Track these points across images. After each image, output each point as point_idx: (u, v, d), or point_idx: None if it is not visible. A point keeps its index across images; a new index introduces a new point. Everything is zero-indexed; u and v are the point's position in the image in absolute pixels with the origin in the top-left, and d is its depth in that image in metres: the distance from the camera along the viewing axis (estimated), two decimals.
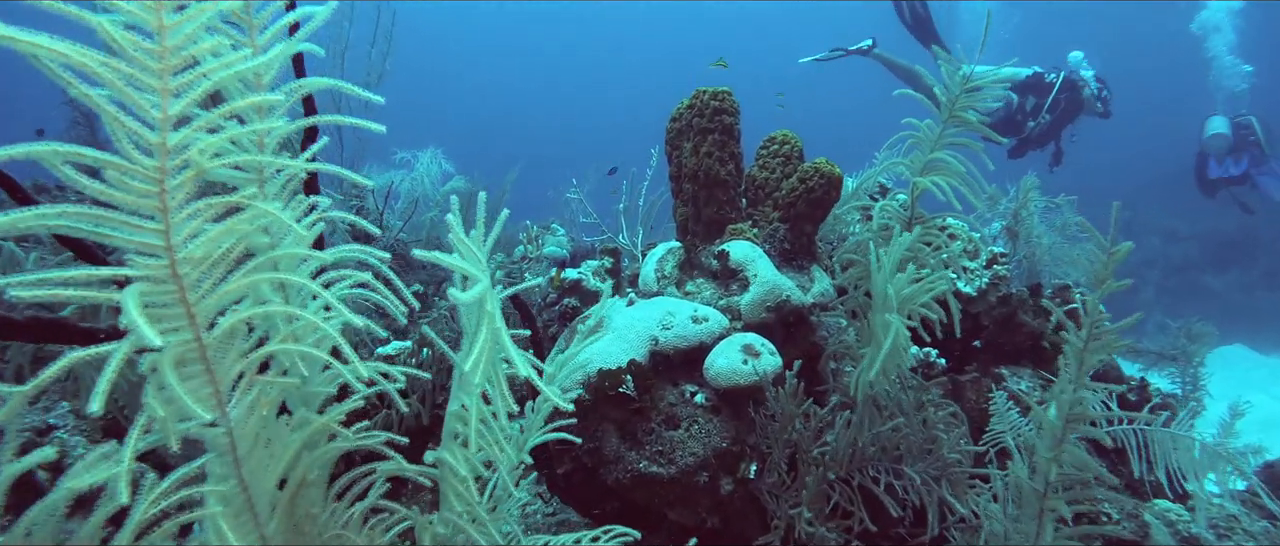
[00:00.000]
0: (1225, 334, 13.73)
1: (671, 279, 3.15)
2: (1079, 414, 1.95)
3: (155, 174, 0.76)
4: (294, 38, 0.97)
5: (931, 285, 2.53)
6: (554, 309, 3.29)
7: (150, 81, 0.73)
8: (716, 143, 3.19)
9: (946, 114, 2.77)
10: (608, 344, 2.89)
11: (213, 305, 0.89)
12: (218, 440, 0.97)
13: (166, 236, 0.80)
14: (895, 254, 2.46)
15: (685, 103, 3.31)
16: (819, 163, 3.12)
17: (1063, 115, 7.93)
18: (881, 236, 3.03)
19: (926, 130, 2.84)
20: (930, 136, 2.82)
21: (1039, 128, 7.80)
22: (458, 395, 1.38)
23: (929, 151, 2.84)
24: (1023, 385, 3.77)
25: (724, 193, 3.24)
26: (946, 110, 2.76)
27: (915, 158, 2.91)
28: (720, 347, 2.86)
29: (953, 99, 2.73)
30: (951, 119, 2.76)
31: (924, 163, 2.86)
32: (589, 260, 3.55)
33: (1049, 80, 7.99)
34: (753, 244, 3.15)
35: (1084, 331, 1.96)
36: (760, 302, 2.98)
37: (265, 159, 0.99)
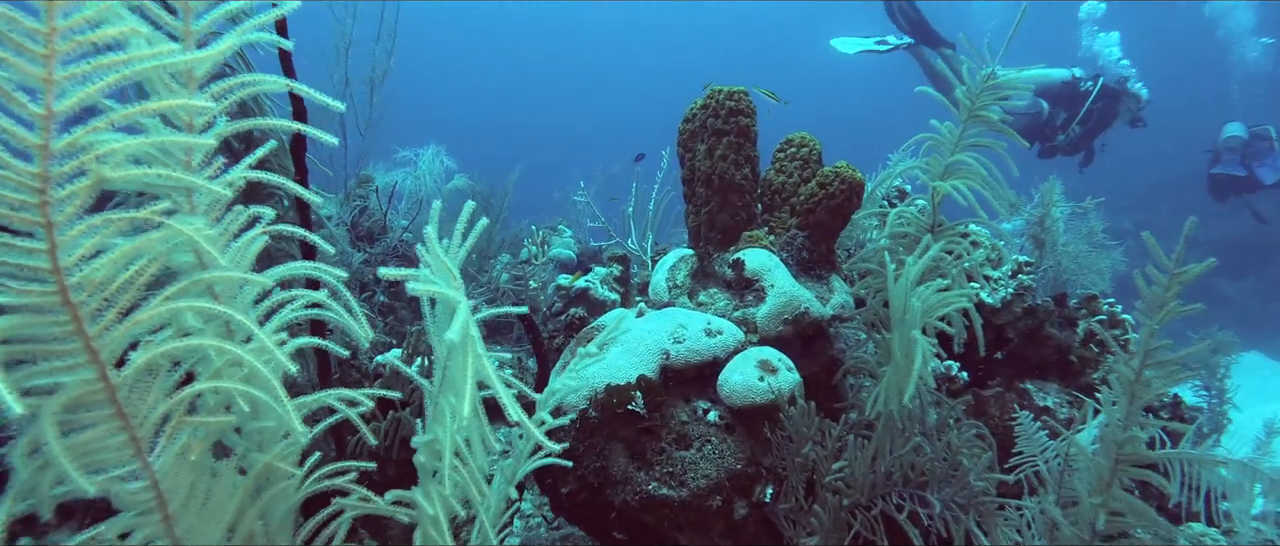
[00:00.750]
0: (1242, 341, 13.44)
1: (683, 289, 2.98)
2: (1130, 455, 1.76)
3: (35, 182, 0.60)
4: (241, 28, 0.80)
5: (953, 299, 2.36)
6: (559, 318, 3.13)
7: (32, 70, 0.58)
8: (731, 145, 3.02)
9: (966, 113, 2.58)
10: (616, 357, 2.73)
11: (122, 337, 0.73)
12: (137, 498, 0.81)
13: (52, 257, 0.64)
14: (920, 264, 2.28)
15: (698, 102, 3.13)
16: (840, 167, 2.94)
17: (1095, 126, 7.51)
18: (899, 245, 2.85)
19: (946, 131, 2.66)
20: (950, 138, 2.64)
21: (1069, 140, 7.44)
22: (431, 425, 1.22)
23: (949, 154, 2.66)
24: (1049, 401, 3.58)
25: (739, 198, 3.07)
26: (966, 109, 2.58)
27: (933, 161, 2.72)
28: (735, 363, 2.69)
29: (973, 96, 2.54)
30: (972, 118, 2.57)
31: (944, 166, 2.67)
32: (597, 266, 3.39)
33: (1084, 89, 7.46)
34: (769, 252, 2.97)
35: (1137, 361, 1.77)
36: (777, 315, 2.81)
37: (181, 177, 0.82)
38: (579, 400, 2.69)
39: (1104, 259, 3.91)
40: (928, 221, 2.78)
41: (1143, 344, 1.82)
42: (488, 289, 3.20)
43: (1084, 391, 3.74)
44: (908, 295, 2.21)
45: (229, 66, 2.74)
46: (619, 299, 3.18)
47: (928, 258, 2.29)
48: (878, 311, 2.83)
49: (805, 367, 2.96)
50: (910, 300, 2.19)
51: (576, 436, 2.74)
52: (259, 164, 3.00)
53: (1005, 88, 2.47)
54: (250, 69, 2.76)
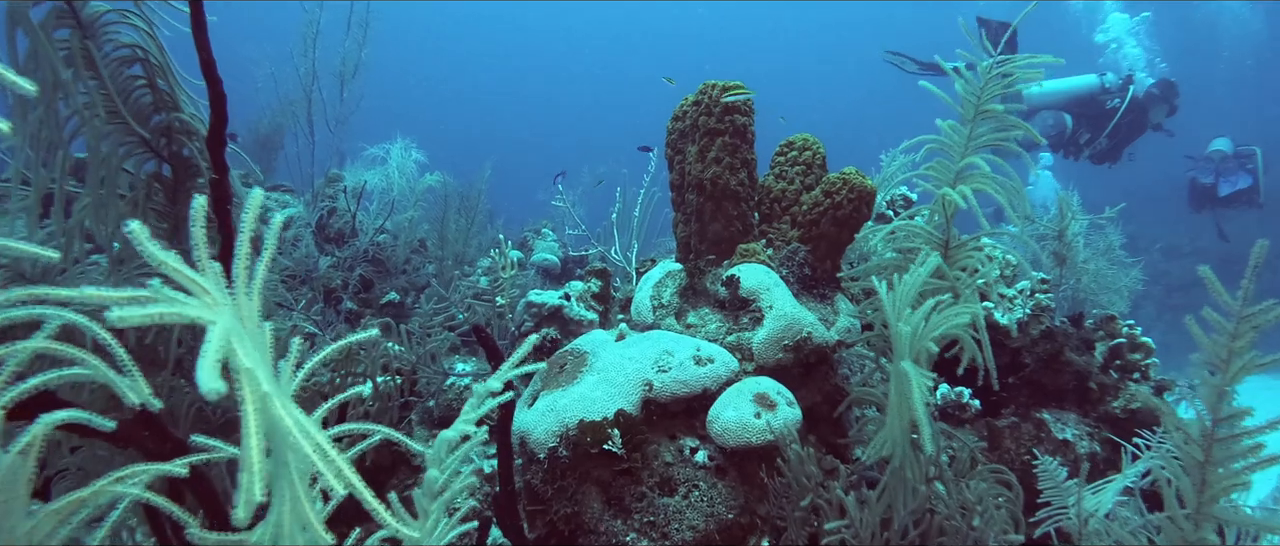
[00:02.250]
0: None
1: (670, 308, 2.59)
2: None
3: None
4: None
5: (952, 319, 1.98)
6: None
7: None
8: (726, 147, 2.64)
9: (972, 109, 2.19)
10: (591, 387, 2.34)
11: None
12: None
13: None
14: (911, 282, 1.88)
15: (690, 98, 2.76)
16: (848, 173, 2.57)
17: (1125, 137, 7.10)
18: (908, 261, 2.46)
19: (950, 131, 2.26)
20: (957, 139, 2.25)
21: (1097, 151, 7.02)
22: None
23: (958, 158, 2.27)
24: (1068, 433, 3.23)
25: (734, 206, 2.69)
26: (971, 105, 2.19)
27: (939, 166, 2.32)
28: (728, 396, 2.31)
29: (978, 89, 2.16)
30: (980, 115, 2.19)
31: (953, 172, 2.29)
32: (574, 282, 3.00)
33: (1112, 106, 6.91)
34: (767, 268, 2.60)
35: (1206, 443, 1.40)
36: (776, 340, 2.43)
37: None
38: (547, 436, 2.30)
39: (1123, 277, 3.56)
40: (939, 236, 2.39)
41: (1211, 410, 1.46)
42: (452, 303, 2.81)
43: (1104, 422, 3.39)
44: (897, 318, 1.83)
45: (139, 48, 2.34)
46: (597, 319, 2.79)
47: (923, 273, 1.90)
48: (884, 336, 2.46)
49: (806, 398, 2.59)
50: (899, 325, 1.81)
51: (545, 477, 2.35)
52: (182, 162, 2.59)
53: (1014, 71, 2.10)
54: (162, 53, 2.36)
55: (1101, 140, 6.79)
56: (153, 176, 2.54)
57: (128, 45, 2.31)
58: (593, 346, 2.48)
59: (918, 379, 1.69)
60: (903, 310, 1.70)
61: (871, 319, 2.47)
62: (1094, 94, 6.86)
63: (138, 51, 2.23)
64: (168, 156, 2.54)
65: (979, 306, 2.01)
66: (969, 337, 2.02)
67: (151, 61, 2.37)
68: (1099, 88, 6.78)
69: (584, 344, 2.51)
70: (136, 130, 2.29)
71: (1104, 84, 6.78)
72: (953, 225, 2.27)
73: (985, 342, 2.04)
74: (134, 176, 2.46)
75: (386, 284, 5.29)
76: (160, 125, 2.45)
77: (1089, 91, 6.88)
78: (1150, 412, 3.36)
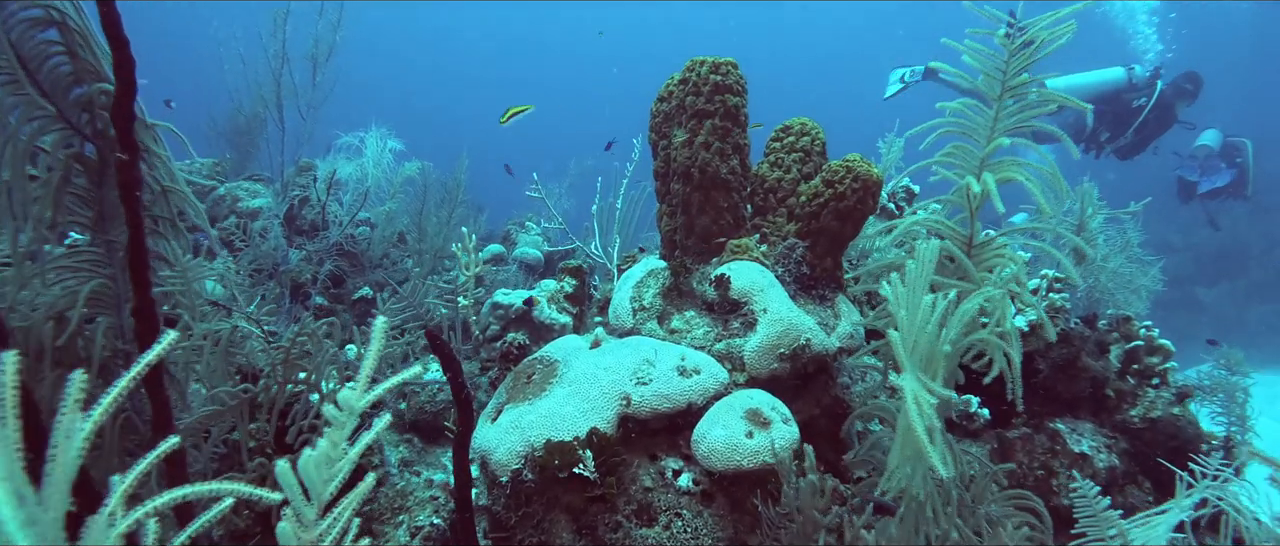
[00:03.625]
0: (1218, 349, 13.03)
1: (652, 311, 2.28)
2: None
3: None
4: None
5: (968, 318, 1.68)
6: (495, 345, 2.40)
7: None
8: (716, 130, 2.33)
9: (1000, 87, 1.88)
10: (561, 401, 2.03)
11: None
12: None
13: None
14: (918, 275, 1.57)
15: (676, 77, 2.44)
16: (851, 161, 2.26)
17: (1151, 132, 6.72)
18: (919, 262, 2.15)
19: (970, 112, 1.94)
20: (980, 121, 1.93)
21: (1121, 146, 6.67)
22: None
23: (984, 143, 1.95)
24: (1085, 445, 2.94)
25: (725, 196, 2.38)
26: (998, 82, 1.87)
27: (960, 150, 2.00)
28: (716, 412, 2.00)
29: (1003, 62, 1.84)
30: (1007, 91, 1.88)
31: (979, 157, 1.98)
32: (546, 280, 2.67)
33: (1139, 104, 6.43)
34: (761, 266, 2.29)
35: None
36: (771, 348, 2.12)
37: None
38: (511, 457, 1.99)
39: (1142, 276, 3.26)
40: (960, 232, 2.08)
41: None
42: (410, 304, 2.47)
43: (1122, 432, 3.10)
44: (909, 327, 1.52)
45: (55, 9, 2.00)
46: (571, 322, 2.47)
47: (930, 261, 1.60)
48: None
49: (803, 410, 2.29)
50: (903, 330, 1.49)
51: (508, 503, 2.05)
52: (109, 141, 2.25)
53: (1038, 41, 1.79)
54: (82, 16, 2.02)
55: (1128, 135, 6.40)
56: (73, 156, 2.20)
57: (40, 4, 1.97)
58: (564, 354, 2.17)
59: (918, 396, 1.37)
60: (913, 313, 1.39)
61: (881, 325, 2.17)
62: (1120, 89, 6.40)
63: (52, 12, 1.90)
64: (91, 134, 2.20)
65: (1008, 306, 1.71)
66: (998, 346, 1.72)
67: (70, 25, 2.03)
68: (1126, 82, 6.33)
69: (554, 351, 2.19)
70: (50, 103, 1.96)
71: (1131, 78, 6.35)
72: (976, 220, 1.96)
73: (1016, 355, 1.73)
74: (52, 156, 2.12)
75: (360, 278, 4.96)
76: (82, 98, 2.11)
77: (1115, 86, 6.41)
78: (1171, 422, 3.08)
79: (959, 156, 1.92)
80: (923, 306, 1.38)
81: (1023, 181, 1.88)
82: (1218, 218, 9.85)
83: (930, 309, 1.38)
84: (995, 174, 1.87)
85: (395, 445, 3.40)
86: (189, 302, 2.17)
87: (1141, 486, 3.04)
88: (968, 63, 1.84)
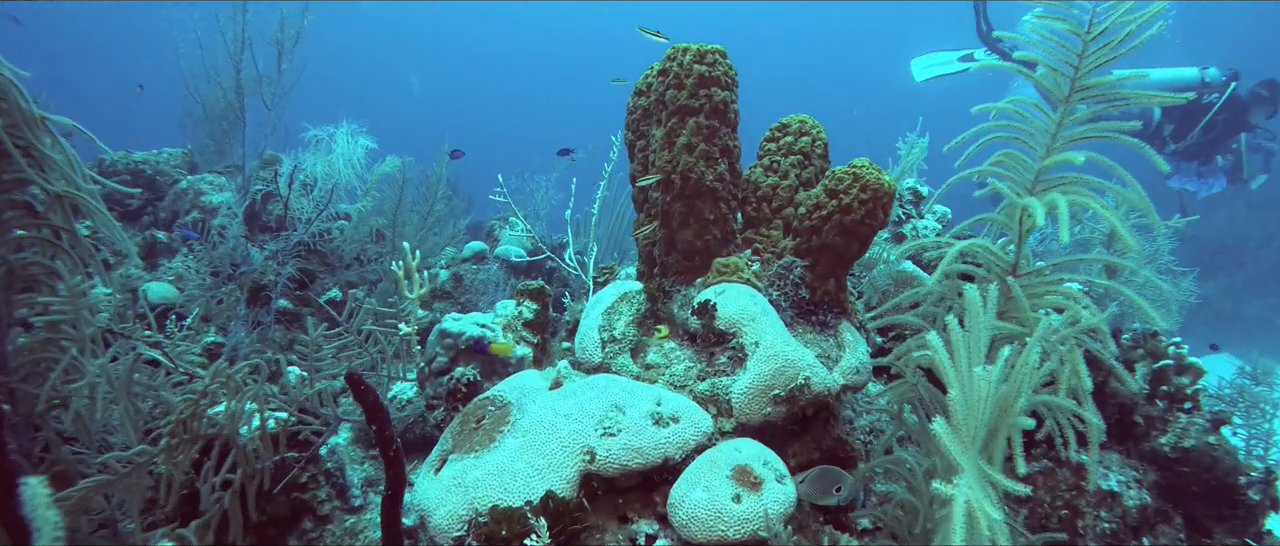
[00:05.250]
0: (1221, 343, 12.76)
1: (624, 343, 1.92)
2: None
3: None
4: None
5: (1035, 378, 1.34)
6: (441, 380, 2.02)
7: None
8: (701, 130, 1.96)
9: (1070, 86, 1.50)
10: (512, 455, 1.67)
11: None
12: None
13: None
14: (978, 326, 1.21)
15: (655, 67, 2.06)
16: (858, 167, 1.89)
17: (1219, 135, 6.27)
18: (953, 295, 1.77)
19: (1024, 113, 1.57)
20: (1041, 124, 1.56)
21: (1186, 146, 6.24)
22: None
23: (1041, 152, 1.58)
24: (1113, 481, 2.60)
25: (711, 206, 2.01)
26: (1068, 80, 1.49)
27: (1010, 159, 1.63)
28: (697, 469, 1.65)
29: (1077, 54, 1.46)
30: (1078, 92, 1.50)
31: (1033, 170, 1.61)
32: (504, 301, 2.31)
33: (1208, 101, 6.00)
34: (752, 289, 1.93)
35: None
36: (763, 389, 1.77)
37: None
38: (452, 522, 1.64)
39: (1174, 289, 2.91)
40: (1005, 261, 1.70)
41: None
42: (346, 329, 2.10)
43: (1151, 461, 2.76)
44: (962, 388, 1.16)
45: None
46: (530, 354, 2.09)
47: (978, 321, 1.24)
48: (919, 391, 1.80)
49: (800, 454, 1.94)
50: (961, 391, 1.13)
51: None
52: None
53: (1117, 33, 1.42)
54: None
55: (1194, 134, 5.96)
56: None
57: None
58: (519, 395, 1.81)
59: (982, 508, 1.02)
60: (971, 392, 1.03)
61: (898, 367, 1.81)
62: (1192, 88, 5.92)
63: None
64: None
65: (1081, 362, 1.36)
66: (1068, 408, 1.37)
67: None
68: (1198, 81, 5.88)
69: (509, 391, 1.83)
70: None
71: (1204, 78, 5.89)
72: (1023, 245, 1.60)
73: (1094, 420, 1.39)
74: None
75: (330, 279, 4.59)
76: None
77: (1186, 85, 5.94)
78: (1207, 452, 2.74)
79: (1010, 166, 1.56)
80: (979, 382, 1.02)
81: (1098, 210, 1.51)
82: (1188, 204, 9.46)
83: (994, 382, 1.03)
84: (1066, 195, 1.49)
85: (359, 461, 3.04)
86: (78, 334, 1.81)
87: (1173, 522, 2.71)
88: (1027, 55, 1.47)
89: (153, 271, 4.57)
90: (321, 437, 2.19)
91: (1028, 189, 1.59)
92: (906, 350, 1.76)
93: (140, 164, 5.41)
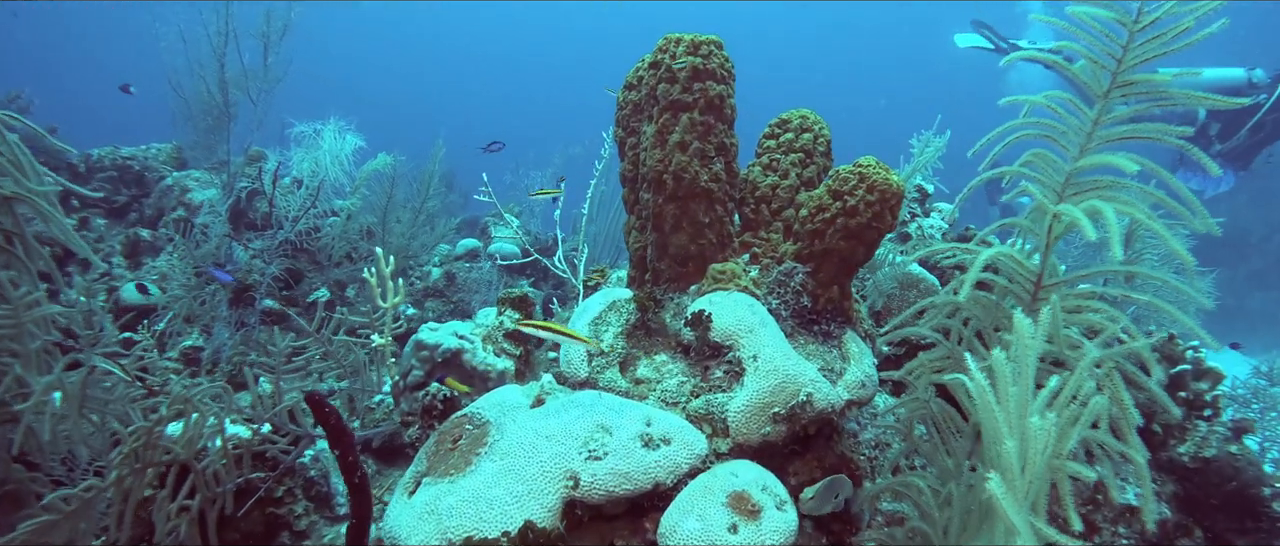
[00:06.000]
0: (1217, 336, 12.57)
1: (613, 356, 1.78)
2: None
3: None
4: None
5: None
6: (417, 396, 1.88)
7: None
8: (695, 126, 1.81)
9: (1110, 80, 1.34)
10: (489, 481, 1.54)
11: None
12: None
13: None
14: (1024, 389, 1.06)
15: (646, 59, 1.92)
16: (864, 166, 1.74)
17: (1268, 135, 6.09)
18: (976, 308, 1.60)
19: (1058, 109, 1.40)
20: (1073, 122, 1.41)
21: (1231, 148, 6.04)
22: None
23: (1075, 154, 1.43)
24: (1130, 495, 2.46)
25: (706, 209, 1.87)
26: (1109, 73, 1.33)
27: (1039, 160, 1.47)
28: (691, 495, 1.51)
29: (1121, 45, 1.30)
30: (1118, 88, 1.35)
31: (1064, 172, 1.46)
32: (486, 309, 2.16)
33: (1257, 101, 5.80)
34: (750, 298, 1.79)
35: None
36: (762, 407, 1.63)
37: None
38: None
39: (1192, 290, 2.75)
40: (1030, 271, 1.54)
41: None
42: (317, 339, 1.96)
43: (1170, 471, 2.63)
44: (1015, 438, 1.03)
45: None
46: (511, 367, 1.95)
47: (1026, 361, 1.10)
48: (932, 408, 1.65)
49: (802, 473, 1.80)
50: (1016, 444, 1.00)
51: None
52: None
53: (1185, 36, 1.27)
54: None
55: (1241, 135, 5.77)
56: None
57: None
58: (499, 413, 1.67)
59: None
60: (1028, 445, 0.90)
61: (909, 379, 1.67)
62: (1239, 88, 5.79)
63: None
64: None
65: (1126, 394, 1.23)
66: (1115, 447, 1.24)
67: None
68: (1245, 82, 5.68)
69: (488, 408, 1.69)
70: None
71: (1251, 78, 5.70)
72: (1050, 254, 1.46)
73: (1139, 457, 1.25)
74: None
75: (317, 279, 4.45)
76: None
77: (1233, 86, 5.80)
78: (1228, 462, 2.60)
79: (1039, 167, 1.41)
80: (1037, 433, 0.89)
81: (1144, 220, 1.36)
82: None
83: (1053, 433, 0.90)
84: (1109, 202, 1.34)
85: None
86: (23, 349, 1.67)
87: (1193, 535, 2.57)
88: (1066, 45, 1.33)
89: (136, 271, 4.44)
90: (293, 452, 2.06)
91: (1057, 192, 1.44)
92: (919, 365, 1.62)
93: (128, 160, 5.27)
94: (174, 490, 1.60)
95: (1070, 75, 1.39)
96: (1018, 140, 1.50)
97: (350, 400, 2.50)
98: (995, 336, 1.58)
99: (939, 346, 1.63)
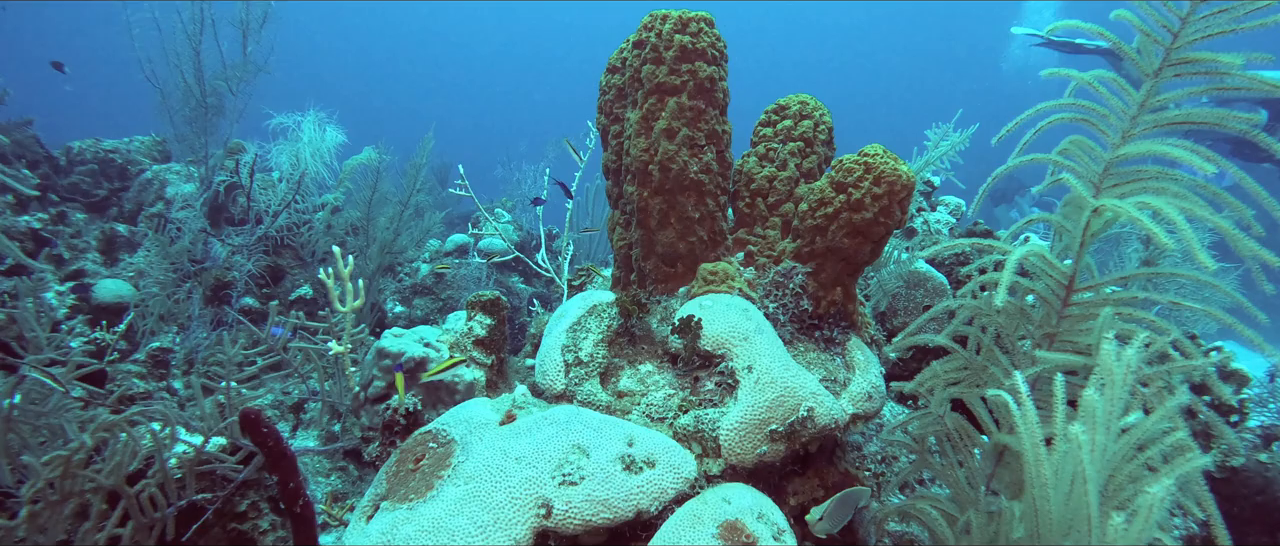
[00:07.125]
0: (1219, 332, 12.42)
1: (593, 367, 1.60)
2: None
3: None
4: None
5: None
6: (378, 409, 1.70)
7: None
8: (684, 111, 1.63)
9: (1160, 61, 1.16)
10: (451, 508, 1.37)
11: None
12: None
13: None
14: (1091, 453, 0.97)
15: (631, 39, 1.74)
16: (871, 155, 1.57)
17: None
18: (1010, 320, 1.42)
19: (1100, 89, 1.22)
20: (1115, 108, 1.22)
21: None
22: None
23: (1116, 142, 1.25)
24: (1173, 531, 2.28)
25: (696, 203, 1.69)
26: (1161, 52, 1.15)
27: (1075, 147, 1.29)
28: (677, 524, 1.34)
29: (1179, 19, 1.12)
30: (1171, 66, 1.17)
31: (1104, 162, 1.27)
32: (454, 314, 1.99)
33: None
34: (744, 302, 1.61)
35: None
36: (757, 424, 1.46)
37: None
38: None
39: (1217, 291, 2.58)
40: (1061, 274, 1.36)
41: None
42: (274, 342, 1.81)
43: None
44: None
45: None
46: (482, 378, 1.76)
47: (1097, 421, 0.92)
48: (949, 425, 1.48)
49: (802, 493, 1.63)
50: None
51: None
52: None
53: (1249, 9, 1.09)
54: None
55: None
56: None
57: None
58: (465, 431, 1.50)
59: None
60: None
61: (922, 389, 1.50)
62: None
63: None
64: None
65: (1181, 421, 1.06)
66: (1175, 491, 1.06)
67: None
68: None
69: (453, 425, 1.52)
70: None
71: None
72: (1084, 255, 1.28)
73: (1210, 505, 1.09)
74: None
75: (298, 276, 4.28)
76: None
77: None
78: (1259, 472, 2.44)
79: (1074, 155, 1.24)
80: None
81: (1199, 214, 1.18)
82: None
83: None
84: (1158, 197, 1.17)
85: (325, 473, 2.75)
86: None
87: None
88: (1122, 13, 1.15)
89: (111, 267, 4.28)
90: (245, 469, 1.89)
91: (1094, 184, 1.26)
92: (934, 376, 1.45)
93: (110, 153, 5.09)
94: (99, 521, 1.43)
95: (1116, 45, 1.21)
96: (1050, 125, 1.33)
97: (331, 407, 2.33)
98: (1016, 346, 1.41)
99: (955, 355, 1.46)
